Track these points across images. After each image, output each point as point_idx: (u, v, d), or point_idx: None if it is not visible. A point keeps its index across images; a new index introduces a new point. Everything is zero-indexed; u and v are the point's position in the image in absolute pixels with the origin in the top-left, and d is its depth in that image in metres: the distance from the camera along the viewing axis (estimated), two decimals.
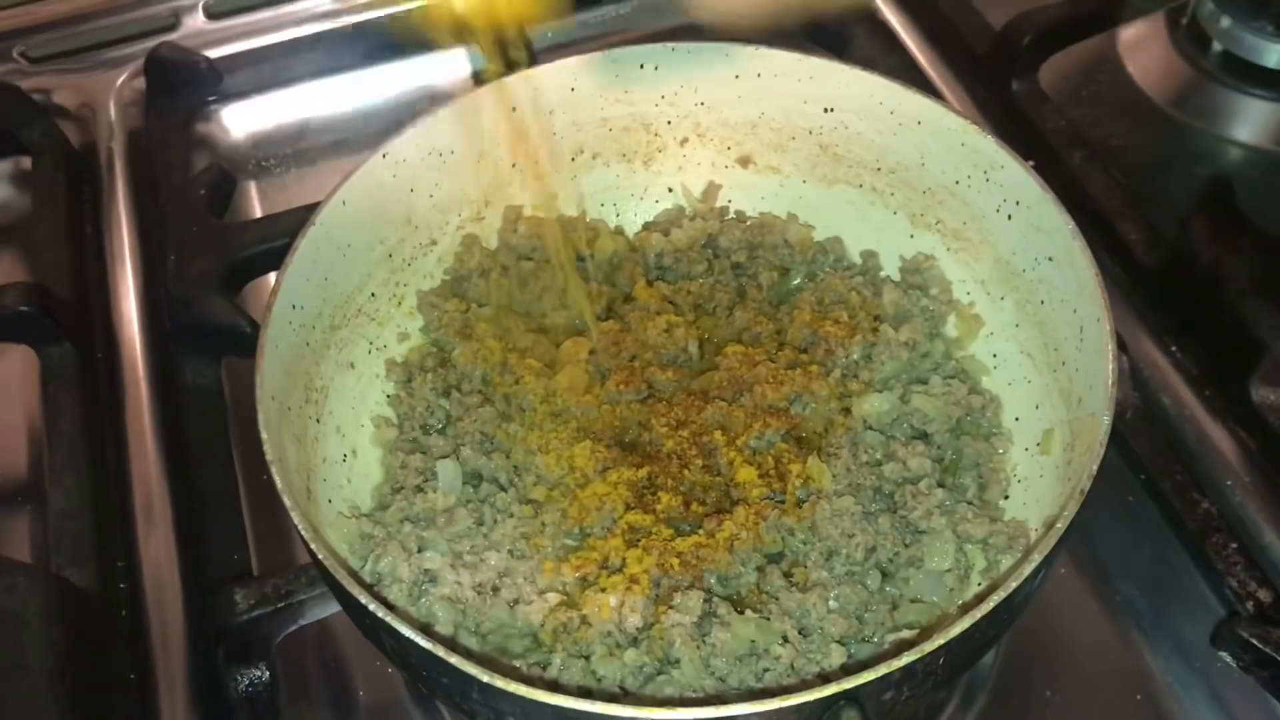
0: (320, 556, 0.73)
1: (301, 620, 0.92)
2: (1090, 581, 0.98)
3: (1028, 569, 0.71)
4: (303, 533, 0.74)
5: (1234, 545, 0.94)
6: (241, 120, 1.39)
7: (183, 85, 1.35)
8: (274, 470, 0.78)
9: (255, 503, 1.02)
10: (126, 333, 1.17)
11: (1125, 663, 0.94)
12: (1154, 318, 1.12)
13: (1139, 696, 0.92)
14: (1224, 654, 0.91)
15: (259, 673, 0.91)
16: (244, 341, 1.05)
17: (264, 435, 0.79)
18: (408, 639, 0.69)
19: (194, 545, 1.00)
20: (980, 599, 0.70)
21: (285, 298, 0.87)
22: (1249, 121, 1.30)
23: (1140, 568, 0.98)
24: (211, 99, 1.38)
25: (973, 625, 0.68)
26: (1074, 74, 1.35)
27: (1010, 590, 0.70)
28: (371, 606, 0.70)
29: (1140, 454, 1.01)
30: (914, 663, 0.67)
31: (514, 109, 1.04)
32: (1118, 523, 1.01)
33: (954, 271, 1.04)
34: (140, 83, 1.38)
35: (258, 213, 1.31)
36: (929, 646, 0.67)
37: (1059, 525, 0.73)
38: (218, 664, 0.91)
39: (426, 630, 0.80)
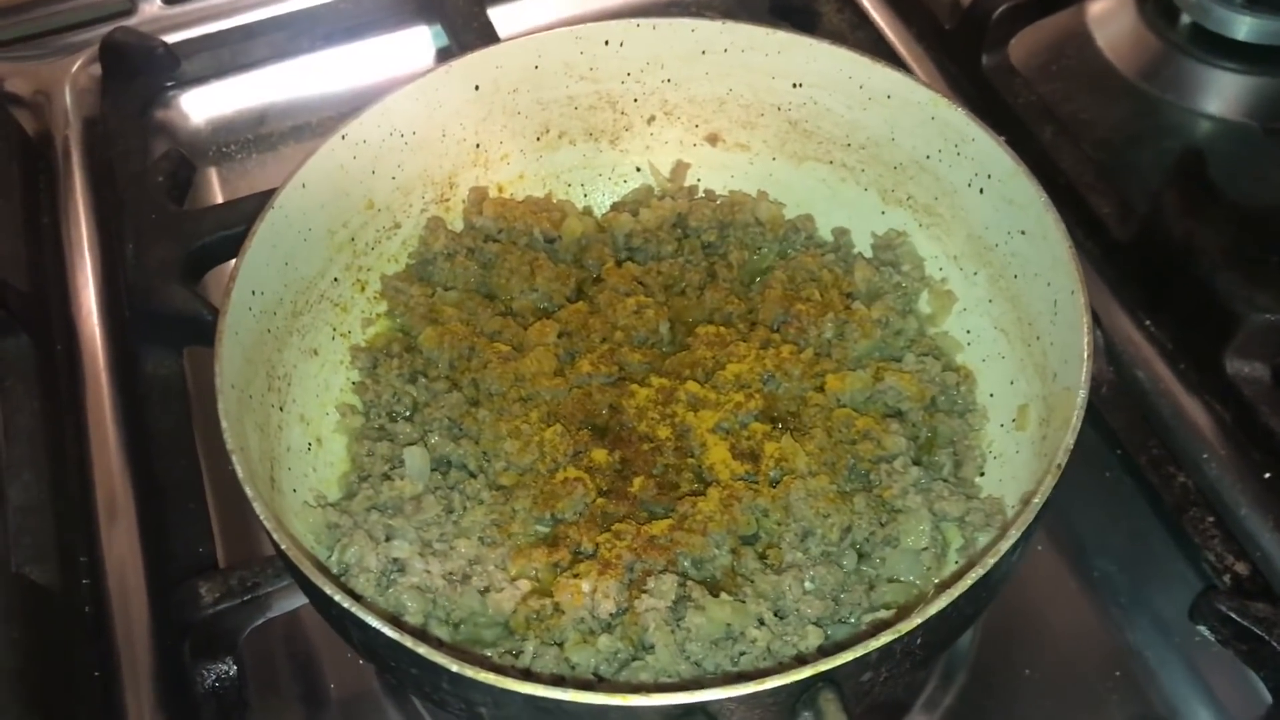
0: (284, 547, 0.72)
1: (269, 613, 0.90)
2: (1068, 558, 0.98)
3: (1005, 545, 0.70)
4: (266, 523, 0.73)
5: (1210, 519, 0.94)
6: (200, 106, 1.36)
7: (139, 71, 1.32)
8: (235, 460, 0.76)
9: (220, 494, 1.00)
10: (85, 324, 1.15)
11: (1103, 639, 0.94)
12: (1127, 292, 1.10)
13: (1118, 673, 0.92)
14: (1202, 628, 0.90)
15: (226, 667, 0.90)
16: (205, 330, 0.99)
17: (224, 424, 0.77)
18: (375, 630, 0.67)
19: (158, 539, 0.98)
20: (958, 577, 0.69)
21: (244, 283, 0.86)
22: (1218, 94, 1.29)
23: (1117, 543, 0.98)
24: (169, 85, 1.35)
25: (950, 604, 0.67)
26: (1043, 49, 1.34)
27: (988, 568, 0.69)
28: (337, 598, 0.69)
29: (1116, 429, 1.00)
30: (891, 643, 0.66)
31: (476, 87, 1.02)
32: (1094, 499, 1.00)
33: (926, 247, 1.03)
34: (96, 69, 1.36)
35: (219, 199, 1.28)
36: (906, 627, 0.66)
37: (1036, 501, 0.72)
38: (183, 660, 0.89)
39: (395, 621, 0.79)
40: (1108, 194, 1.14)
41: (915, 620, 0.66)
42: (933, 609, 0.67)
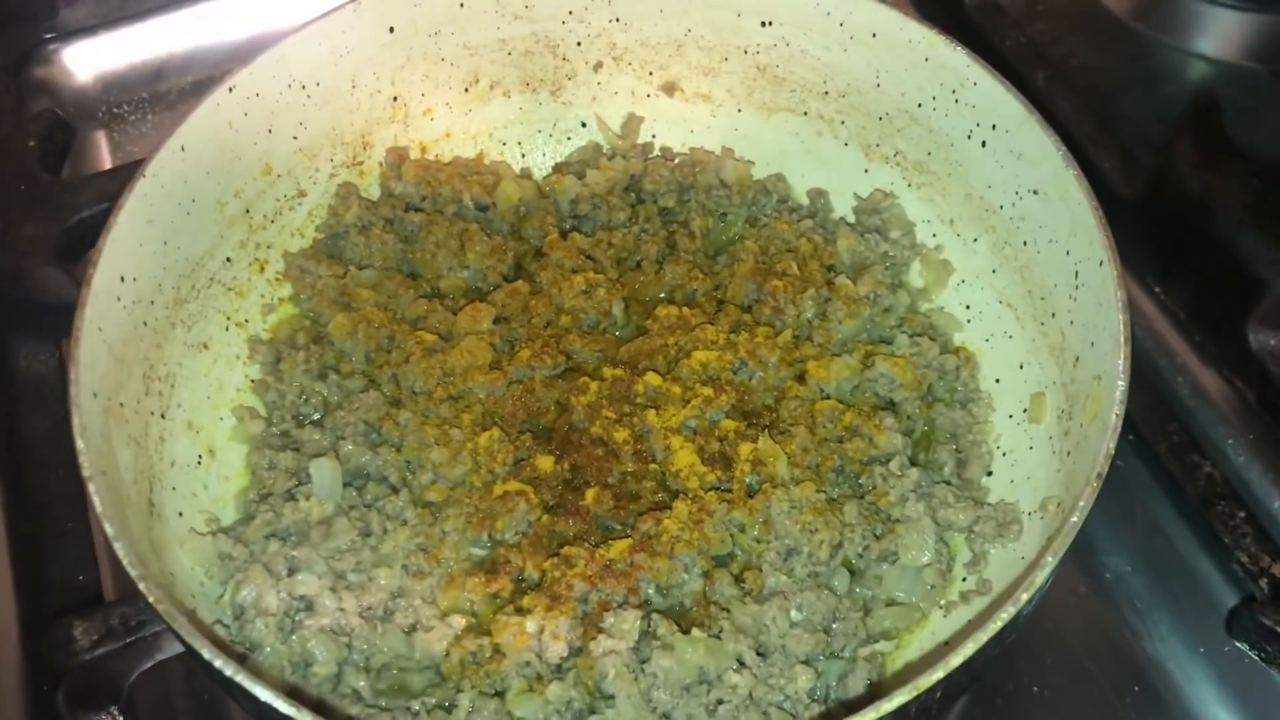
0: (152, 600, 0.59)
1: (160, 655, 0.80)
2: (1075, 558, 0.88)
3: (1040, 577, 0.59)
4: (131, 570, 0.61)
5: (1241, 514, 0.86)
6: (86, 60, 1.25)
7: (11, 20, 1.22)
8: (93, 489, 0.65)
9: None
10: None
11: (1119, 650, 0.86)
12: (1134, 254, 1.01)
13: (1137, 688, 0.84)
14: (1242, 644, 0.82)
15: (109, 718, 0.79)
16: None
17: (80, 444, 0.67)
18: (266, 704, 0.55)
19: (30, 566, 0.88)
20: (966, 599, 0.59)
21: (110, 267, 0.75)
22: (1217, 34, 1.21)
23: (1131, 541, 0.90)
24: (49, 36, 1.24)
25: (977, 651, 0.56)
26: None
27: (1021, 604, 0.58)
28: (218, 663, 0.56)
29: (1130, 411, 0.90)
30: (907, 704, 0.55)
31: (391, 29, 0.92)
32: (1105, 490, 0.90)
33: (917, 210, 0.95)
34: None
35: (109, 166, 1.18)
36: (925, 683, 0.55)
37: (1074, 520, 0.61)
38: (59, 710, 0.79)
39: (304, 669, 0.69)
40: (1110, 146, 1.06)
41: (936, 674, 0.55)
42: (956, 659, 0.56)
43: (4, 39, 1.20)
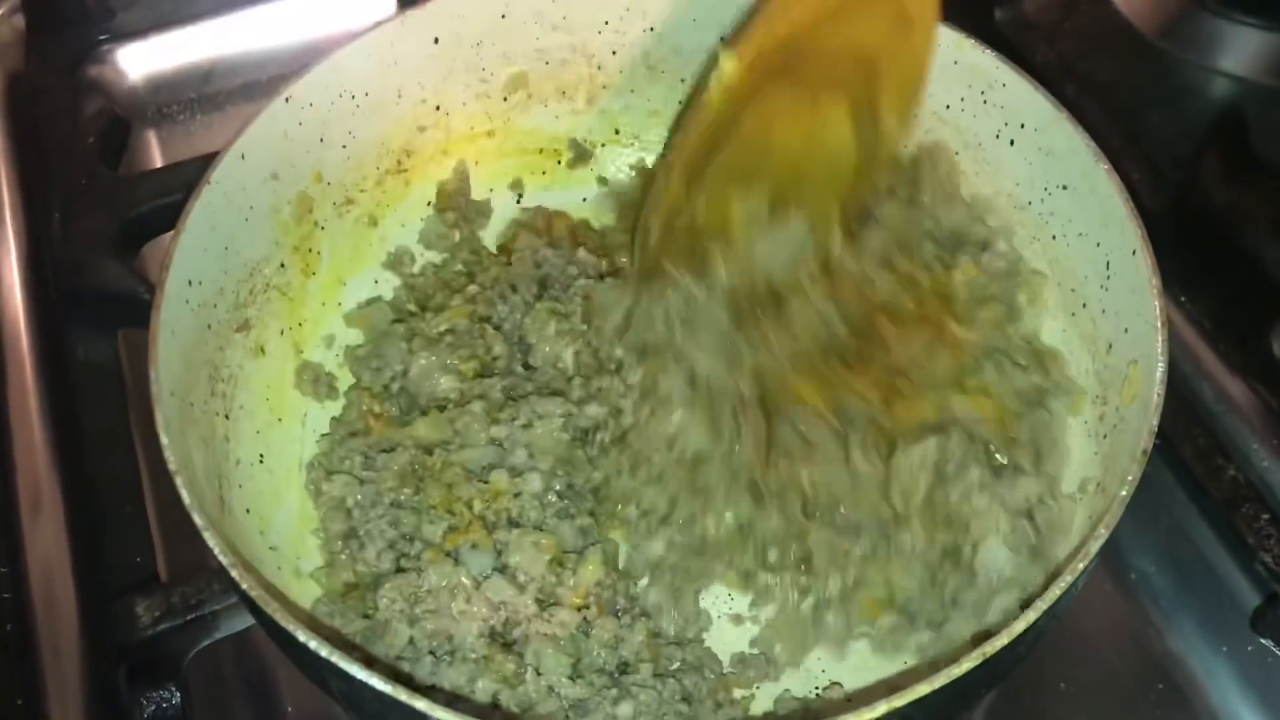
0: (245, 586, 0.61)
1: (216, 634, 0.82)
2: (1102, 558, 0.87)
3: (1094, 547, 0.63)
4: (222, 559, 0.63)
5: (1265, 516, 0.87)
6: (138, 61, 1.27)
7: (68, 22, 1.23)
8: (179, 483, 0.66)
9: (161, 496, 0.91)
10: (7, 303, 1.05)
11: (1144, 648, 0.87)
12: (1161, 265, 1.00)
13: (1161, 686, 0.85)
14: (1267, 641, 0.83)
15: (168, 694, 0.82)
16: (142, 310, 0.90)
17: (164, 440, 0.68)
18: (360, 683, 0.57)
19: (90, 547, 0.89)
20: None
21: (180, 271, 0.76)
22: (1242, 53, 1.22)
23: (1157, 542, 0.91)
24: (103, 38, 1.25)
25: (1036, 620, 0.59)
26: (1055, 4, 1.27)
27: (1078, 573, 0.62)
28: (314, 645, 0.58)
29: None
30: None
31: (436, 40, 0.93)
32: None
33: None
34: (19, 20, 1.26)
35: (158, 165, 1.20)
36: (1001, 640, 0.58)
37: (1124, 493, 0.64)
38: (119, 686, 0.81)
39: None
40: (1138, 159, 1.07)
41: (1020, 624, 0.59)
42: (1020, 625, 0.59)
43: (62, 41, 1.22)
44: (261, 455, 0.83)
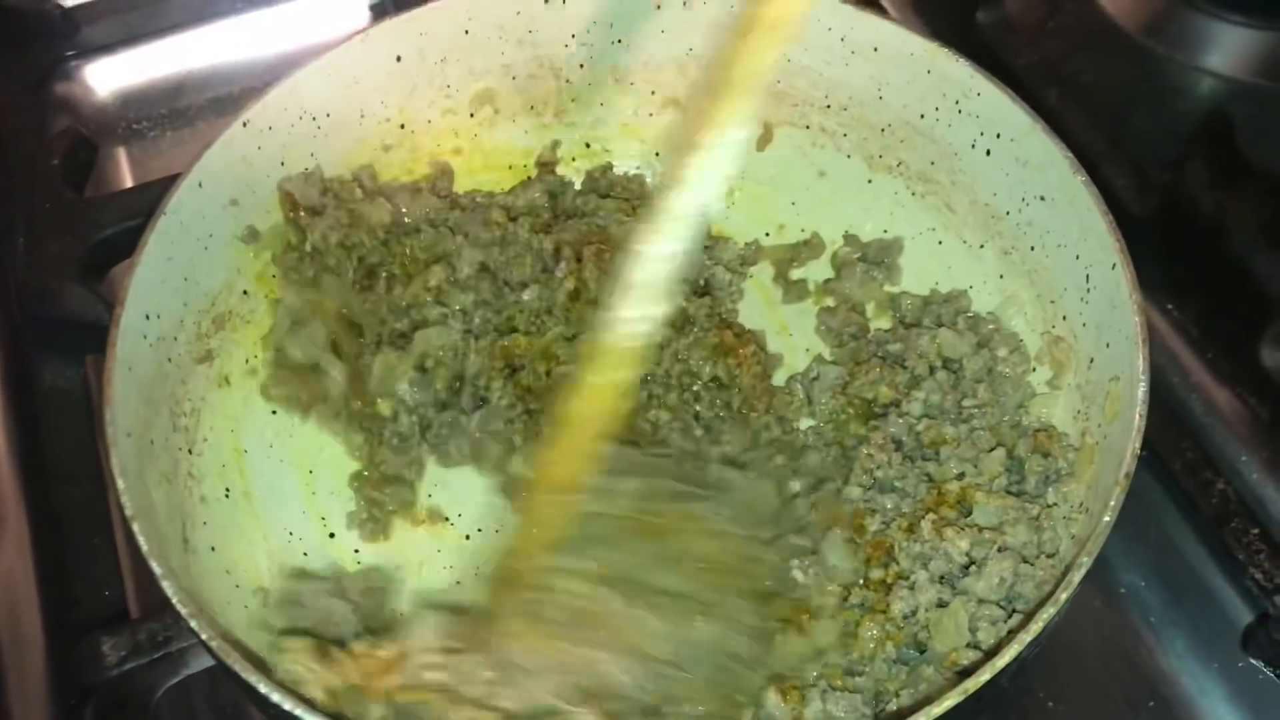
0: (205, 637, 0.60)
1: (186, 671, 0.80)
2: (1091, 574, 0.87)
3: (1077, 576, 0.62)
4: (181, 609, 0.61)
5: (1255, 531, 0.86)
6: (106, 77, 1.25)
7: (33, 38, 1.22)
8: (136, 529, 0.66)
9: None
10: None
11: (1134, 665, 0.86)
12: (1147, 272, 1.00)
13: (1151, 703, 0.84)
14: (1256, 660, 0.82)
15: None
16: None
17: (120, 485, 0.67)
18: None
19: (57, 581, 0.88)
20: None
21: (136, 306, 0.75)
22: (1228, 51, 1.20)
23: (1147, 556, 0.90)
24: (69, 54, 1.24)
25: (994, 675, 0.57)
26: (1039, 3, 1.25)
27: (1060, 604, 0.61)
28: (275, 698, 0.57)
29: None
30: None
31: (398, 58, 0.92)
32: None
33: (922, 219, 0.95)
34: None
35: (129, 184, 1.18)
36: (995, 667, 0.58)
37: (1107, 518, 0.64)
38: None
39: None
40: (1122, 164, 1.05)
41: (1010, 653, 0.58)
42: (1002, 659, 0.59)
43: (26, 57, 1.20)
44: (227, 490, 0.82)
